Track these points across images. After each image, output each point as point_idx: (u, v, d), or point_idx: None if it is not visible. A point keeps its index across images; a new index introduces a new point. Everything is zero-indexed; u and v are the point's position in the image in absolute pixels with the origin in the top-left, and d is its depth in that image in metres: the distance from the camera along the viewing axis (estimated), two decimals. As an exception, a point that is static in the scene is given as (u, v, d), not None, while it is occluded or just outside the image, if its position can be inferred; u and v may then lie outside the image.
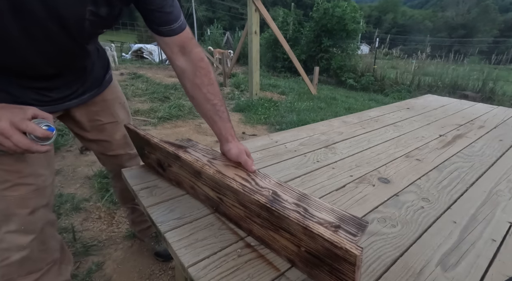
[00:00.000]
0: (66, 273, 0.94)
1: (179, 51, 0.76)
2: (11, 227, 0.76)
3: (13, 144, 0.57)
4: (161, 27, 0.72)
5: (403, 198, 0.76)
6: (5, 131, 0.56)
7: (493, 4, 42.84)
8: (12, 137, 0.57)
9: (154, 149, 0.74)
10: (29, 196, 0.77)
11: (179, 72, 0.78)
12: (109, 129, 0.98)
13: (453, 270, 0.53)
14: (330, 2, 8.08)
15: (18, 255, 0.78)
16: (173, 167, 0.71)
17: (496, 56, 9.33)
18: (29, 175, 0.77)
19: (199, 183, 0.65)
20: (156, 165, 0.79)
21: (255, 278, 0.48)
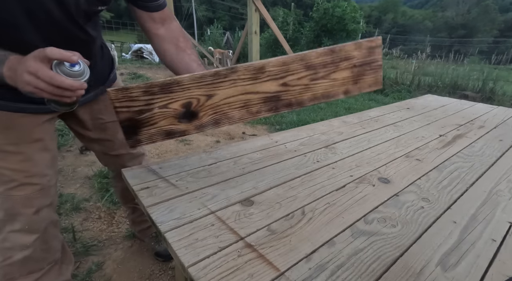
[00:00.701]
0: (67, 273, 0.94)
1: (161, 23, 0.82)
2: (16, 227, 0.77)
3: (44, 84, 0.52)
4: (150, 3, 0.79)
5: (403, 198, 0.76)
6: (32, 68, 0.51)
7: (493, 4, 42.84)
8: (38, 73, 0.51)
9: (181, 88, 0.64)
10: (34, 195, 0.78)
11: (160, 39, 0.82)
12: (112, 128, 0.97)
13: (453, 270, 0.53)
14: (330, 2, 8.09)
15: (21, 255, 0.78)
16: (218, 93, 0.66)
17: (496, 56, 9.33)
18: (35, 174, 0.78)
19: (258, 85, 0.68)
20: (177, 118, 0.66)
21: (255, 278, 0.48)
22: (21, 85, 0.53)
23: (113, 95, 0.60)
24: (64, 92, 0.54)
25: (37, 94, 0.53)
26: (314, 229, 0.62)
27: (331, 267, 0.52)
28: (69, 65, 0.55)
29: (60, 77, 0.53)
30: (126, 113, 0.62)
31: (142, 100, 0.62)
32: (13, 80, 0.54)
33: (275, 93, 0.70)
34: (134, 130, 0.64)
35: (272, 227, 0.62)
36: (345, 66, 0.72)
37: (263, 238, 0.58)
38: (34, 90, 0.52)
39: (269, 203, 0.70)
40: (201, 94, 0.66)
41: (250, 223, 0.62)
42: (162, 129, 0.66)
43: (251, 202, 0.70)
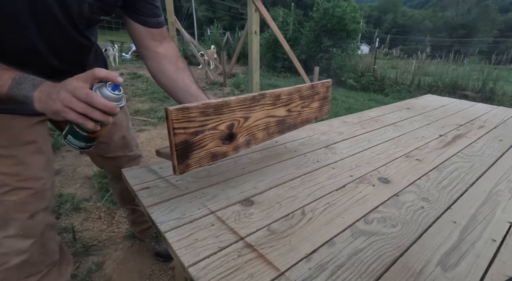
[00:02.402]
0: (66, 273, 0.93)
1: (159, 41, 0.82)
2: (10, 232, 0.75)
3: (78, 102, 0.50)
4: (150, 18, 0.78)
5: (403, 198, 0.76)
6: (71, 86, 0.50)
7: (493, 4, 42.83)
8: (75, 91, 0.50)
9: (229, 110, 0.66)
10: (28, 200, 0.76)
11: (160, 57, 0.81)
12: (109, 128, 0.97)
13: (453, 270, 0.53)
14: (330, 2, 8.09)
15: (18, 259, 0.77)
16: (252, 116, 0.72)
17: (496, 56, 9.33)
18: (28, 178, 0.76)
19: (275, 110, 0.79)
20: (221, 140, 0.67)
21: (255, 278, 0.48)
22: (50, 104, 0.52)
23: (174, 115, 0.55)
24: (94, 112, 0.51)
25: (64, 115, 0.51)
26: (314, 229, 0.62)
27: (331, 267, 0.52)
28: (111, 88, 0.54)
29: (97, 95, 0.51)
30: (182, 135, 0.57)
31: (198, 121, 0.59)
32: (43, 102, 0.53)
33: (283, 117, 0.83)
34: (186, 153, 0.59)
35: (272, 227, 0.62)
36: (317, 99, 0.95)
37: (263, 238, 0.58)
38: (63, 109, 0.51)
39: (269, 203, 0.70)
40: (241, 116, 0.69)
41: (250, 223, 0.62)
42: (210, 152, 0.64)
43: (251, 202, 0.70)
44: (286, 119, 0.84)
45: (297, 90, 0.84)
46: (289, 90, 0.81)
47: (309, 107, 0.93)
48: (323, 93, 0.98)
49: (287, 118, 0.85)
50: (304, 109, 0.91)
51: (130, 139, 1.08)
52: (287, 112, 0.84)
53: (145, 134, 2.87)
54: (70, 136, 0.57)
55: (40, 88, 0.55)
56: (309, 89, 0.89)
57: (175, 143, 0.56)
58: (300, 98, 0.87)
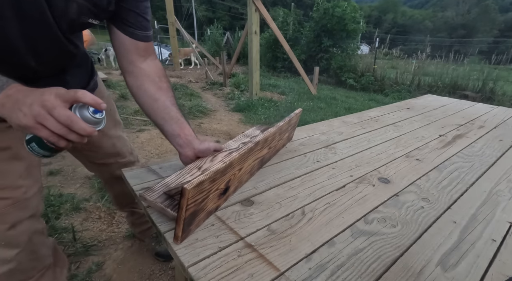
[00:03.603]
0: (61, 276, 0.91)
1: (144, 56, 0.76)
2: None
3: (55, 122, 0.46)
4: (139, 31, 0.72)
5: (403, 198, 0.76)
6: (49, 103, 0.45)
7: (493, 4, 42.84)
8: (54, 111, 0.45)
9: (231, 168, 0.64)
10: (5, 211, 0.71)
11: (143, 74, 0.75)
12: (94, 139, 0.87)
13: (453, 270, 0.53)
14: (330, 2, 8.09)
15: (5, 268, 0.74)
16: (244, 165, 0.71)
17: (496, 56, 9.33)
18: (5, 187, 0.71)
19: (261, 151, 0.79)
20: (218, 196, 0.65)
21: (255, 278, 0.48)
22: (19, 116, 0.46)
23: (191, 193, 0.50)
24: (70, 134, 0.47)
25: (34, 132, 0.47)
26: (314, 229, 0.62)
27: (331, 267, 0.52)
28: (92, 111, 0.50)
29: (79, 119, 0.47)
30: (192, 208, 0.53)
31: (206, 190, 0.56)
32: (7, 110, 0.47)
33: (264, 155, 0.85)
34: (190, 222, 0.56)
35: (272, 227, 0.62)
36: (289, 129, 1.01)
37: (263, 238, 0.58)
38: (35, 125, 0.46)
39: (269, 203, 0.70)
40: (238, 169, 0.68)
41: (250, 223, 0.62)
42: (207, 211, 0.62)
43: (251, 202, 0.70)
44: (265, 156, 0.86)
45: (279, 129, 0.86)
46: (274, 131, 0.82)
47: (282, 139, 0.98)
48: (294, 123, 1.02)
49: (266, 154, 0.87)
50: (279, 142, 0.95)
51: (121, 146, 1.03)
52: (268, 149, 0.85)
53: (145, 134, 2.86)
54: (34, 144, 0.52)
55: (6, 91, 0.48)
56: (287, 124, 0.93)
57: (185, 218, 0.52)
58: (279, 134, 0.90)
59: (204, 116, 3.76)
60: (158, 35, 11.89)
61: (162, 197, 0.65)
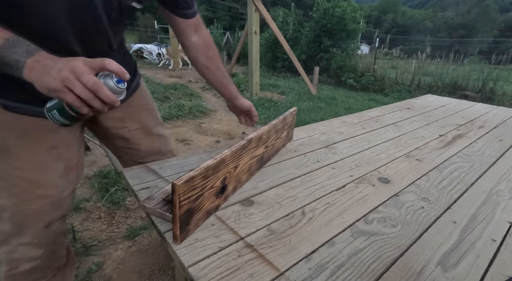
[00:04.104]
0: (71, 276, 0.92)
1: (194, 30, 0.89)
2: (24, 240, 0.74)
3: (81, 87, 0.48)
4: (187, 10, 0.84)
5: (403, 198, 0.76)
6: (78, 68, 0.48)
7: (493, 4, 42.85)
8: (82, 76, 0.48)
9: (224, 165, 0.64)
10: (46, 209, 0.74)
11: (193, 47, 0.91)
12: (136, 136, 0.94)
13: (453, 270, 0.53)
14: (330, 2, 8.08)
15: (28, 265, 0.76)
16: (240, 163, 0.71)
17: (496, 56, 9.33)
18: (47, 185, 0.74)
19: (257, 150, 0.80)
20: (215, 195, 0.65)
21: (255, 278, 0.48)
22: (48, 79, 0.48)
23: (181, 189, 0.51)
24: (94, 100, 0.50)
25: (61, 95, 0.49)
26: (314, 229, 0.62)
27: (331, 267, 0.52)
28: (116, 80, 0.52)
29: (104, 86, 0.50)
30: (186, 206, 0.54)
31: (199, 186, 0.56)
32: (37, 73, 0.49)
33: (262, 154, 0.85)
34: (187, 221, 0.56)
35: (272, 227, 0.62)
36: (286, 128, 1.01)
37: (263, 238, 0.58)
38: (62, 89, 0.48)
39: (269, 203, 0.70)
40: (233, 167, 0.68)
41: (250, 223, 0.62)
42: (206, 211, 0.62)
43: (251, 202, 0.70)
44: (263, 155, 0.86)
45: (274, 127, 0.88)
46: (268, 129, 0.83)
47: (280, 138, 0.98)
48: (290, 122, 1.03)
49: (264, 154, 0.87)
50: (277, 141, 0.95)
51: (163, 145, 1.04)
52: (265, 148, 0.86)
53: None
54: (55, 111, 0.54)
55: (36, 56, 0.50)
56: (282, 122, 0.94)
57: (180, 215, 0.53)
58: (275, 132, 0.91)
59: (204, 116, 3.76)
60: (158, 35, 11.89)
61: (161, 203, 0.65)
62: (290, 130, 1.08)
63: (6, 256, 0.75)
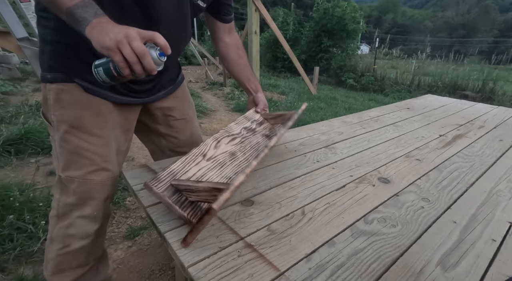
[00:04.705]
0: (104, 272, 0.95)
1: (228, 32, 1.03)
2: (86, 212, 0.79)
3: (130, 50, 0.55)
4: (227, 16, 0.99)
5: (403, 198, 0.76)
6: (132, 35, 0.55)
7: (493, 4, 42.83)
8: (133, 42, 0.55)
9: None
10: (108, 182, 0.81)
11: (226, 46, 1.03)
12: (179, 126, 1.01)
13: (453, 270, 0.53)
14: (330, 2, 8.09)
15: (79, 244, 0.80)
16: None
17: (496, 56, 9.32)
18: (111, 161, 0.81)
19: None
20: None
21: (255, 278, 0.48)
22: (105, 39, 0.54)
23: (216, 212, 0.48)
24: (137, 64, 0.56)
25: (111, 54, 0.55)
26: (314, 229, 0.62)
27: (331, 267, 0.52)
28: (159, 53, 0.59)
29: (150, 57, 0.57)
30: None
31: None
32: (97, 32, 0.56)
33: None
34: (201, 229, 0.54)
35: (272, 227, 0.62)
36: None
37: (263, 238, 0.58)
38: (114, 49, 0.54)
39: (269, 203, 0.70)
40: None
41: (250, 223, 0.62)
42: None
43: (251, 202, 0.70)
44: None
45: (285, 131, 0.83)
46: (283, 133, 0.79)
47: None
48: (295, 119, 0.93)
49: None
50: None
51: (198, 136, 1.11)
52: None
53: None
54: (100, 69, 0.60)
55: (100, 18, 0.58)
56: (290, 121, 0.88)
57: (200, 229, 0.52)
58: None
59: (204, 116, 3.76)
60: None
61: (170, 191, 0.63)
62: None
63: (62, 231, 0.80)
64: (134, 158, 2.28)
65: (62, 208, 0.79)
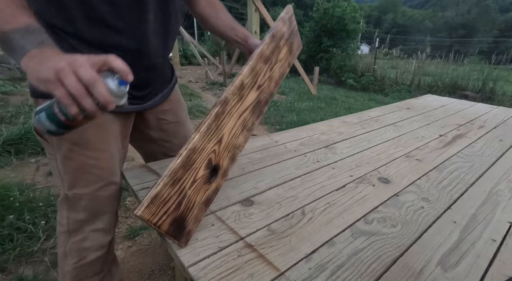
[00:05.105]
0: (117, 274, 0.94)
1: None
2: (99, 226, 0.78)
3: (75, 80, 0.42)
4: None
5: (403, 198, 0.76)
6: (77, 61, 0.43)
7: (493, 4, 42.84)
8: (79, 69, 0.43)
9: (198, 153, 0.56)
10: (116, 195, 0.80)
11: (201, 5, 0.90)
12: (172, 129, 0.97)
13: (453, 270, 0.53)
14: (330, 2, 8.08)
15: (94, 255, 0.79)
16: (225, 132, 0.62)
17: (496, 56, 9.31)
18: (117, 173, 0.80)
19: (244, 101, 0.67)
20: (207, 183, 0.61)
21: (255, 278, 0.48)
22: (42, 69, 0.44)
23: (147, 215, 0.47)
24: (86, 98, 0.43)
25: (50, 87, 0.43)
26: (314, 229, 0.62)
27: (331, 267, 0.52)
28: (118, 82, 0.46)
29: (102, 83, 0.44)
30: (167, 220, 0.50)
31: (174, 194, 0.51)
32: (34, 63, 0.45)
33: (256, 99, 0.72)
34: (181, 226, 0.52)
35: (272, 227, 0.62)
36: (283, 44, 0.80)
37: (263, 238, 0.58)
38: (54, 80, 0.43)
39: (269, 203, 0.70)
40: (214, 144, 0.60)
41: (250, 223, 0.62)
42: (201, 203, 0.58)
43: (251, 202, 0.70)
44: (259, 98, 0.71)
45: (259, 58, 0.68)
46: (250, 68, 0.66)
47: (278, 61, 0.76)
48: (287, 31, 0.80)
49: (260, 95, 0.72)
50: (274, 69, 0.75)
51: None
52: (257, 90, 0.70)
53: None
54: (43, 114, 0.47)
55: (43, 49, 0.47)
56: (271, 43, 0.73)
57: (165, 231, 0.50)
58: (265, 62, 0.71)
59: (204, 116, 3.75)
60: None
61: None
62: (293, 40, 0.85)
63: (76, 245, 0.77)
64: (134, 158, 2.28)
65: (72, 225, 0.77)
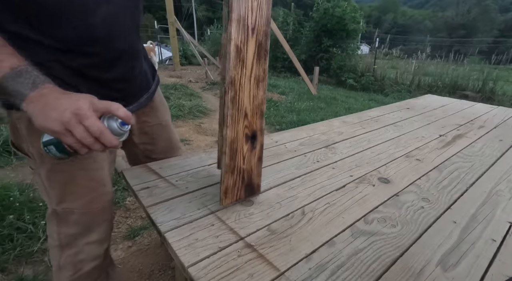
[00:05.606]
0: (114, 275, 0.94)
1: None
2: (92, 238, 0.76)
3: (83, 131, 0.46)
4: None
5: (403, 198, 0.76)
6: (82, 112, 0.45)
7: (493, 4, 42.84)
8: (85, 120, 0.45)
9: None
10: (108, 205, 0.78)
11: None
12: (155, 131, 0.94)
13: (453, 270, 0.53)
14: (330, 2, 8.08)
15: (90, 266, 0.78)
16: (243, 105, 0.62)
17: (496, 56, 9.32)
18: (107, 183, 0.77)
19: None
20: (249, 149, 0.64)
21: (255, 278, 0.48)
22: (48, 119, 0.46)
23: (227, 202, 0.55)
24: (96, 145, 0.47)
25: (61, 138, 0.47)
26: (314, 229, 0.62)
27: (331, 267, 0.52)
28: (120, 123, 0.51)
29: (108, 132, 0.48)
30: (241, 192, 0.61)
31: (236, 176, 0.64)
32: (38, 111, 0.47)
33: (256, 46, 0.69)
34: (251, 187, 0.64)
35: (272, 227, 0.62)
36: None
37: (263, 238, 0.58)
38: (63, 132, 0.46)
39: (269, 203, 0.70)
40: (242, 122, 0.64)
41: (250, 223, 0.62)
42: (256, 163, 0.67)
43: (251, 202, 0.70)
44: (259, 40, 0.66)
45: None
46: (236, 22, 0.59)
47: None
48: None
49: (258, 36, 0.66)
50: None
51: (176, 140, 1.04)
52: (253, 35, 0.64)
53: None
54: (52, 147, 0.51)
55: (40, 90, 0.48)
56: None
57: (244, 197, 0.56)
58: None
59: (204, 116, 3.76)
60: (158, 35, 11.88)
61: None
62: None
63: (71, 259, 0.75)
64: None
65: (64, 239, 0.74)
